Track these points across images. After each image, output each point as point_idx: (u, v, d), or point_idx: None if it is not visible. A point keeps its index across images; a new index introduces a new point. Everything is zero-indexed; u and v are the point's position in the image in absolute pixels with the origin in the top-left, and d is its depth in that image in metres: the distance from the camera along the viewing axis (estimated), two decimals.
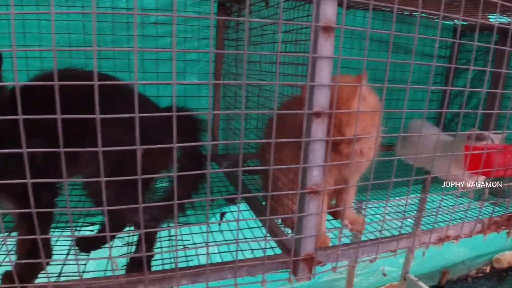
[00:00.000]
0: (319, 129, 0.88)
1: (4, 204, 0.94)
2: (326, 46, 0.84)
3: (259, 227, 1.28)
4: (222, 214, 1.38)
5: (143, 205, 0.76)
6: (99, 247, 1.15)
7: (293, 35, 1.18)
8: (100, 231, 1.23)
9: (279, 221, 1.29)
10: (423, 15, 2.06)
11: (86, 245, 1.14)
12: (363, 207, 1.43)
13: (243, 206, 1.42)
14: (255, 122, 1.63)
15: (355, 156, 1.11)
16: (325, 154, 0.91)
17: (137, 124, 0.68)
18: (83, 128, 0.83)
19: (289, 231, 1.24)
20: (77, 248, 1.15)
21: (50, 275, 0.96)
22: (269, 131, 1.32)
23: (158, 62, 1.73)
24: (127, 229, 1.19)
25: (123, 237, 1.21)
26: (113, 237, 1.19)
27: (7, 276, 0.93)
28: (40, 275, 0.97)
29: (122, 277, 0.87)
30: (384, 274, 3.14)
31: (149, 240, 1.04)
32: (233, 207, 1.44)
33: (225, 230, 1.25)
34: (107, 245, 1.16)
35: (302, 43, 1.09)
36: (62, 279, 0.99)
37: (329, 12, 0.83)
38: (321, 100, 0.87)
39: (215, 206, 1.48)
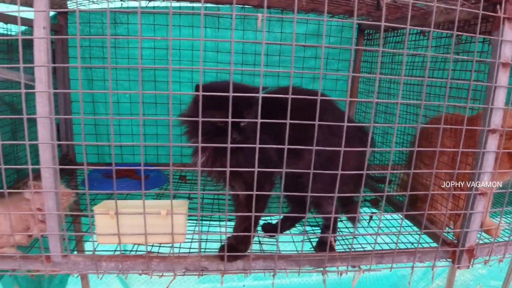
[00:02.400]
0: (492, 143, 1.09)
1: (233, 188, 1.20)
2: (503, 78, 1.06)
3: (408, 226, 1.49)
4: (372, 214, 1.60)
5: (361, 195, 1.01)
6: (281, 233, 1.42)
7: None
8: (283, 220, 1.48)
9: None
10: None
11: (271, 230, 1.41)
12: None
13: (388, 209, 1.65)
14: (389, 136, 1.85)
15: None
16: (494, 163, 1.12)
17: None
18: (304, 133, 1.08)
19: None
20: (262, 231, 1.41)
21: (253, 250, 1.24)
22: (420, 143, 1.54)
23: (302, 80, 2.01)
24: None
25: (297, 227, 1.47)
26: (292, 226, 1.45)
27: (222, 248, 1.18)
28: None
29: (333, 253, 1.12)
30: None
31: (335, 228, 1.29)
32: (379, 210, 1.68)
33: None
34: (287, 231, 1.44)
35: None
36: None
37: (507, 52, 1.05)
38: (497, 120, 1.08)
39: (366, 208, 1.72)
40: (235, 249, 1.13)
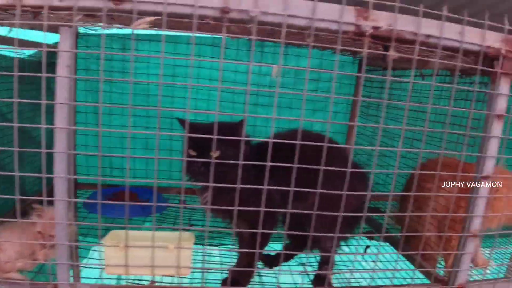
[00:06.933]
0: (485, 189, 1.16)
1: (238, 226, 1.24)
2: (497, 128, 1.12)
3: (402, 260, 1.53)
4: (367, 247, 1.65)
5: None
6: (279, 265, 1.45)
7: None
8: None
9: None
10: None
11: (270, 262, 1.45)
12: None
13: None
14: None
15: None
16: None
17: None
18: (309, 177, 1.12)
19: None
20: (262, 263, 1.46)
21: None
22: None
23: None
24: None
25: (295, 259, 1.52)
26: (290, 257, 1.49)
27: (225, 281, 1.24)
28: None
29: None
30: None
31: (332, 263, 1.34)
32: (374, 243, 1.72)
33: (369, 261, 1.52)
34: (285, 264, 1.48)
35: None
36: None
37: (502, 104, 1.11)
38: (489, 167, 1.14)
39: (361, 241, 1.76)
40: (238, 282, 1.18)
